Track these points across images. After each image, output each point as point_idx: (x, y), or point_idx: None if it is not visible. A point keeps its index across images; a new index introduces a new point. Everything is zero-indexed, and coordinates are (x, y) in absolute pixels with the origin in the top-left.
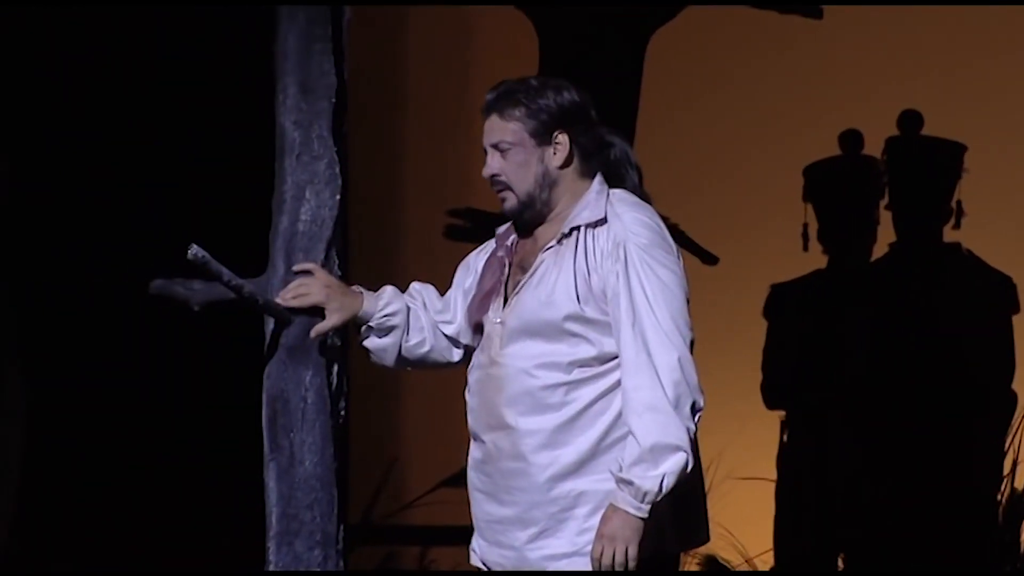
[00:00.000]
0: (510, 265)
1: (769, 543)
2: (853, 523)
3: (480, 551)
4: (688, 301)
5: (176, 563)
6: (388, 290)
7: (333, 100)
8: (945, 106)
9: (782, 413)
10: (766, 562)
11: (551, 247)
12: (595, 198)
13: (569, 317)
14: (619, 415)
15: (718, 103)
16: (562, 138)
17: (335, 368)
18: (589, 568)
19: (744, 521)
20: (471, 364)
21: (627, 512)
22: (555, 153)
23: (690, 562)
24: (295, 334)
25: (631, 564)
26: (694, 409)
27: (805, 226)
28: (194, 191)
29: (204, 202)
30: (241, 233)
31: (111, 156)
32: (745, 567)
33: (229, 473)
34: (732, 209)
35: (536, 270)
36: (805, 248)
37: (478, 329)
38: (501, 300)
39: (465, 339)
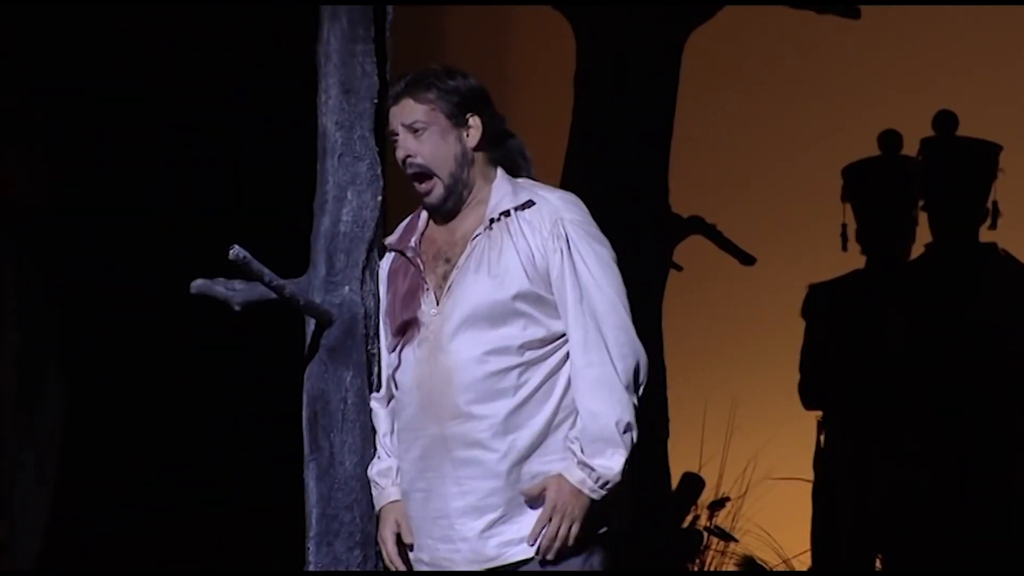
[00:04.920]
0: (422, 261)
1: (807, 544)
2: (891, 524)
3: (428, 552)
4: None
5: (215, 563)
6: (388, 479)
7: (375, 101)
8: (980, 106)
9: (819, 413)
10: (803, 563)
11: (479, 234)
12: (510, 185)
13: (520, 296)
14: (564, 395)
15: (756, 103)
16: (474, 120)
17: (375, 369)
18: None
19: (781, 521)
20: (399, 363)
21: (580, 491)
22: (468, 135)
23: (727, 562)
24: (336, 335)
25: (571, 541)
26: (641, 383)
27: (844, 226)
28: (235, 191)
29: (246, 202)
30: (283, 234)
31: (152, 156)
32: (783, 567)
33: (269, 473)
34: (770, 209)
35: (468, 257)
36: (844, 248)
37: (400, 331)
38: (431, 293)
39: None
